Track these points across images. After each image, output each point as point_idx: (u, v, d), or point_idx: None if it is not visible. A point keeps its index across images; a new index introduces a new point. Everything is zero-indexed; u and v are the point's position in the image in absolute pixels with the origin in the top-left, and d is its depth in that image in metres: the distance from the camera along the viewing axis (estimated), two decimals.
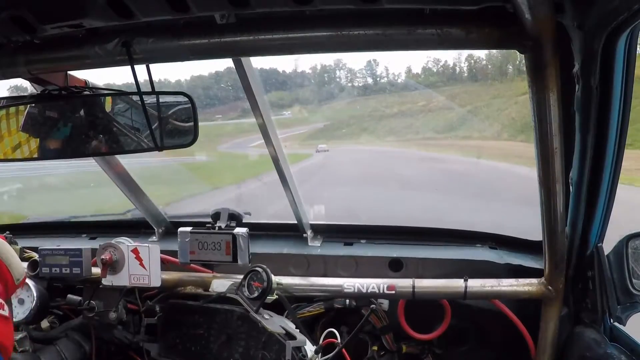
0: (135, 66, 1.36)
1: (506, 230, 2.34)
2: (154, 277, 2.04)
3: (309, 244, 2.37)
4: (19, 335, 2.02)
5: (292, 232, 2.42)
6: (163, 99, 1.49)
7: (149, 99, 1.47)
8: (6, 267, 1.23)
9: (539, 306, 1.92)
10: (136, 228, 2.59)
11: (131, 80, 1.38)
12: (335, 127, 27.17)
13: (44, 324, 2.16)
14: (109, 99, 1.58)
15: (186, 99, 1.50)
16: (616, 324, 1.78)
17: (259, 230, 2.42)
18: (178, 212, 2.69)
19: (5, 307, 1.14)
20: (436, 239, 2.34)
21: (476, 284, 1.92)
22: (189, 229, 2.13)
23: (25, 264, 2.17)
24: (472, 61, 26.70)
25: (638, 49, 1.32)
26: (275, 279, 1.93)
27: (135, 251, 2.04)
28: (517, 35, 1.16)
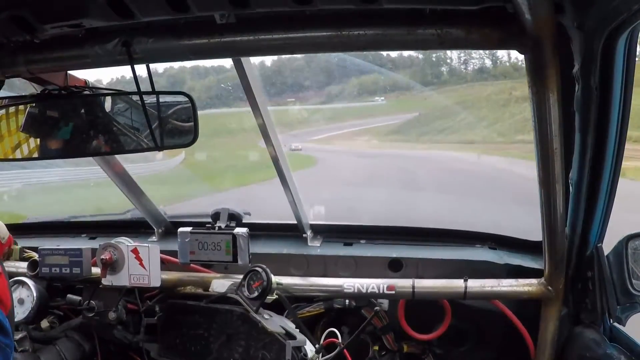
0: (136, 66, 1.36)
1: None
2: (153, 277, 2.04)
3: (309, 244, 2.37)
4: (19, 335, 2.02)
5: (292, 232, 2.42)
6: (163, 98, 1.49)
7: (149, 99, 1.47)
8: None
9: (539, 306, 1.92)
10: (136, 228, 2.59)
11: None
12: (430, 119, 21.11)
13: (44, 324, 2.16)
14: (108, 99, 1.58)
15: (186, 99, 1.50)
16: (616, 324, 1.78)
17: (259, 230, 2.42)
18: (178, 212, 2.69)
19: None
20: (436, 239, 2.34)
21: (476, 284, 1.92)
22: (189, 229, 2.13)
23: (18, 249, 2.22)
24: None
25: (638, 48, 1.32)
26: (275, 279, 1.93)
27: (135, 251, 2.04)
28: (517, 35, 1.16)
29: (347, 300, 2.10)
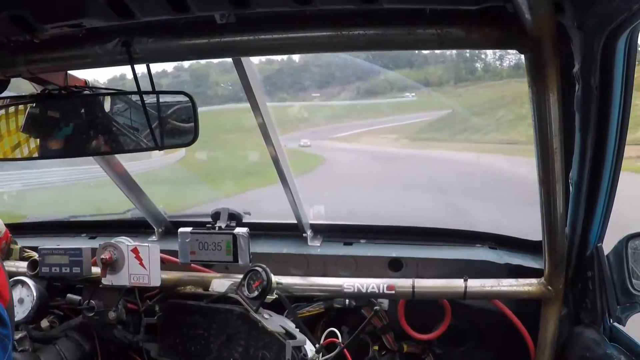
0: (136, 66, 1.36)
1: None
2: (153, 276, 2.04)
3: (309, 243, 2.37)
4: (19, 335, 2.02)
5: (292, 231, 2.42)
6: (163, 98, 1.49)
7: (149, 99, 1.47)
8: None
9: (539, 306, 1.92)
10: (136, 228, 2.59)
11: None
12: (465, 116, 19.26)
13: (44, 323, 2.16)
14: (108, 99, 1.58)
15: (187, 99, 1.50)
16: (616, 324, 1.78)
17: (259, 230, 2.42)
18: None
19: None
20: (436, 238, 2.34)
21: (476, 284, 1.92)
22: (189, 229, 2.13)
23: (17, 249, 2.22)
24: None
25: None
26: (275, 278, 1.93)
27: (135, 251, 2.04)
28: (517, 35, 1.16)
29: (347, 300, 2.10)
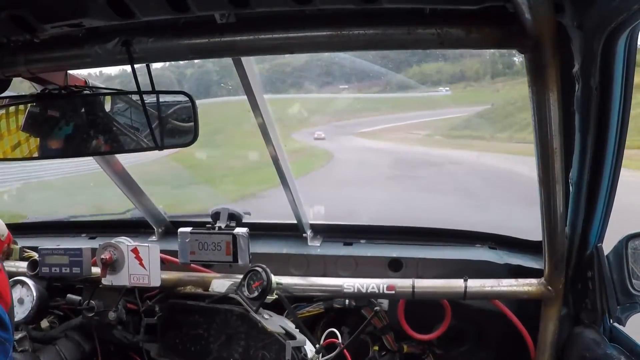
0: (136, 65, 1.36)
1: None
2: (153, 276, 2.04)
3: (309, 243, 2.37)
4: (19, 335, 2.02)
5: (292, 232, 2.42)
6: (163, 98, 1.49)
7: (149, 99, 1.47)
8: None
9: (539, 306, 1.92)
10: (136, 228, 2.59)
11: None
12: (507, 111, 17.01)
13: (44, 323, 2.16)
14: (109, 98, 1.58)
15: (186, 99, 1.50)
16: (616, 324, 1.78)
17: (259, 230, 2.42)
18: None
19: None
20: (436, 239, 2.34)
21: (476, 284, 1.92)
22: (189, 229, 2.13)
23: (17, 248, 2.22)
24: None
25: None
26: (275, 278, 1.93)
27: (135, 251, 2.04)
28: (517, 35, 1.16)
29: (347, 300, 2.10)
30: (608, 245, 1.78)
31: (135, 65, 1.36)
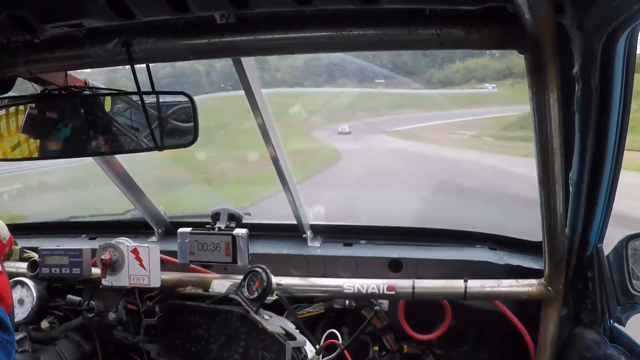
0: (136, 66, 1.36)
1: None
2: (153, 277, 2.04)
3: (309, 244, 2.37)
4: (19, 336, 2.02)
5: (292, 232, 2.42)
6: (163, 98, 1.49)
7: (149, 99, 1.47)
8: None
9: (539, 307, 1.92)
10: (136, 228, 2.59)
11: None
12: None
13: (44, 324, 2.16)
14: (108, 99, 1.58)
15: (186, 99, 1.50)
16: (616, 324, 1.78)
17: (259, 231, 2.42)
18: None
19: None
20: (436, 239, 2.34)
21: (476, 285, 1.92)
22: (188, 229, 2.13)
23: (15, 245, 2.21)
24: None
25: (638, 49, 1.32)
26: (275, 279, 1.92)
27: (135, 251, 2.04)
28: (517, 35, 1.16)
29: (347, 301, 2.10)
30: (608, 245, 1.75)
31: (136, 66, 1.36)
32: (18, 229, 2.48)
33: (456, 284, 1.92)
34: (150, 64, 1.43)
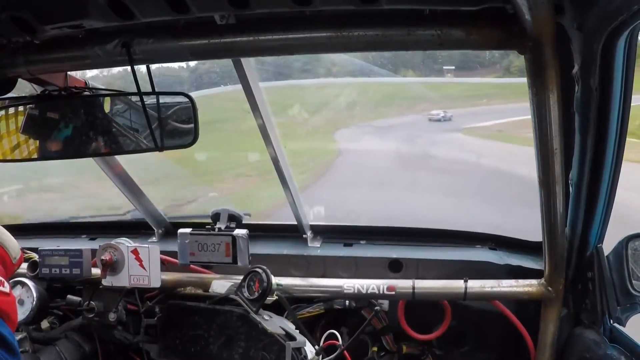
0: (136, 66, 1.36)
1: None
2: (153, 277, 2.04)
3: (309, 244, 2.37)
4: (19, 336, 2.02)
5: (292, 233, 2.42)
6: (163, 99, 1.49)
7: (149, 100, 1.47)
8: (3, 249, 1.24)
9: (539, 307, 1.92)
10: (136, 229, 2.59)
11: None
12: None
13: (44, 324, 2.16)
14: (108, 100, 1.58)
15: (186, 99, 1.50)
16: (616, 325, 1.78)
17: (259, 231, 2.42)
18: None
19: (6, 284, 1.15)
20: (436, 239, 2.33)
21: (476, 285, 1.92)
22: (188, 230, 2.13)
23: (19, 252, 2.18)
24: None
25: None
26: (275, 279, 1.92)
27: (135, 252, 2.04)
28: (517, 36, 1.16)
29: (347, 301, 2.10)
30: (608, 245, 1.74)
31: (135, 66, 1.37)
32: (18, 230, 2.48)
33: (456, 284, 1.92)
34: (150, 64, 1.44)
